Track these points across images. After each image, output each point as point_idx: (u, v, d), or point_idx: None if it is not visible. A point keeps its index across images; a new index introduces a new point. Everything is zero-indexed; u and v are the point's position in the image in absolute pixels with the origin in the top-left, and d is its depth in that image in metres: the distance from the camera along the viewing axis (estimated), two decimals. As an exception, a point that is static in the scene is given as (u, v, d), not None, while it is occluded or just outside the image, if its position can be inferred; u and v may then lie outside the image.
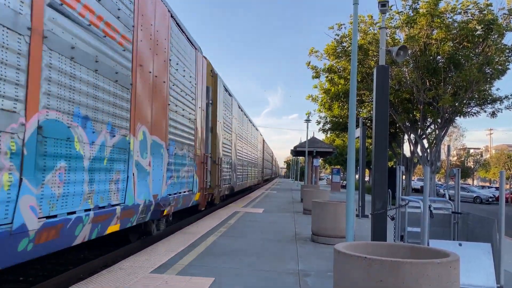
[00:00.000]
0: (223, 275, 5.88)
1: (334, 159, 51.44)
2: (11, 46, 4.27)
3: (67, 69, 5.19)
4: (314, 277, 5.98)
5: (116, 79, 6.48)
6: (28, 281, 6.45)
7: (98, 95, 5.95)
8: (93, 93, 5.84)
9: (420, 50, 21.38)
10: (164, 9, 8.77)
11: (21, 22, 4.40)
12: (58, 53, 5.02)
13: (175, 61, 9.60)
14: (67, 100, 5.20)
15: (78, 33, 5.43)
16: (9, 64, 4.24)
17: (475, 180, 78.96)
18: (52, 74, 4.91)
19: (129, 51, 6.99)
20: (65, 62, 5.17)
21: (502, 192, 5.66)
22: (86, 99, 5.63)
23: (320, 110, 28.63)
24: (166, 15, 8.91)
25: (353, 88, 7.23)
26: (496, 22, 20.43)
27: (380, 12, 8.55)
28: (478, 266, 5.50)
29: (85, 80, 5.63)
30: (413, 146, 26.21)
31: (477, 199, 36.61)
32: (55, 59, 4.97)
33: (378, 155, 7.69)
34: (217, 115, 14.68)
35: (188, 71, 10.84)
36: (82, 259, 7.84)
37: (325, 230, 8.97)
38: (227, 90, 17.35)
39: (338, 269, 3.58)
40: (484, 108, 24.24)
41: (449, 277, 3.24)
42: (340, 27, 23.71)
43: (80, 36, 5.48)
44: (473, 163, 70.82)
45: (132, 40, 7.09)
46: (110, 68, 6.30)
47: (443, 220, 7.14)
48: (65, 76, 5.16)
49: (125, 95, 6.85)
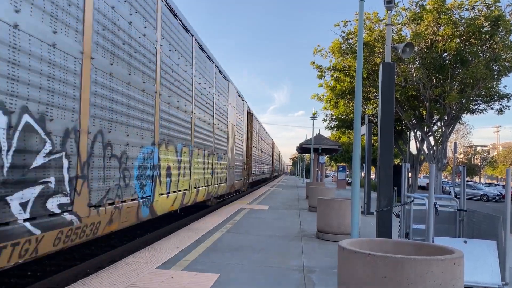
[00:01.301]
0: (228, 271, 5.92)
1: (340, 156, 51.32)
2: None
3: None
4: (319, 274, 6.01)
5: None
6: (35, 275, 6.54)
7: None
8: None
9: (426, 47, 21.25)
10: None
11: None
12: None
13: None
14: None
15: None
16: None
17: (482, 178, 78.44)
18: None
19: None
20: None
21: (508, 189, 5.64)
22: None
23: (326, 108, 28.57)
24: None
25: (358, 85, 7.23)
26: (504, 18, 20.24)
27: (386, 9, 8.53)
28: (483, 263, 5.51)
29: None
30: (419, 143, 26.09)
31: (484, 197, 36.40)
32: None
33: (384, 152, 7.68)
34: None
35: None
36: (89, 255, 7.92)
37: (330, 227, 8.98)
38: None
39: (342, 265, 3.61)
40: (491, 105, 24.04)
41: (453, 274, 3.25)
42: (346, 24, 23.63)
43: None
44: (480, 160, 70.31)
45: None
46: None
47: (449, 217, 7.14)
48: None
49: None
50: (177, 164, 9.29)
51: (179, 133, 9.48)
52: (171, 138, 8.88)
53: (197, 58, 11.35)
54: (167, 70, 8.68)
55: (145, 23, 7.48)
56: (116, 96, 6.36)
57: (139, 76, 7.24)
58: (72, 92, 5.19)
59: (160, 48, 8.17)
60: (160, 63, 8.19)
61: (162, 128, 8.36)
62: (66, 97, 5.07)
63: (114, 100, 6.30)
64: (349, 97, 24.96)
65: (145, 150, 7.46)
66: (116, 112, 6.38)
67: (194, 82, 10.81)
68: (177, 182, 9.30)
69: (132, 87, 6.93)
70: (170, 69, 8.89)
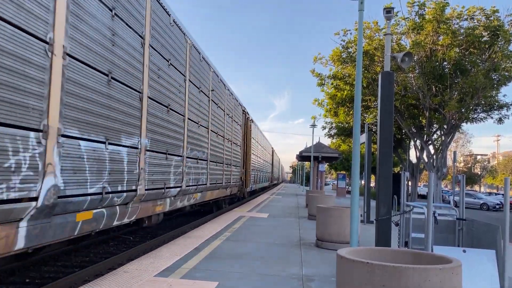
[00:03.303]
0: (227, 279, 5.91)
1: (340, 165, 51.32)
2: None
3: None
4: (318, 282, 6.00)
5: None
6: (34, 283, 6.52)
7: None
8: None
9: (426, 56, 21.37)
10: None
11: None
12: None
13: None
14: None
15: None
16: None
17: (482, 187, 78.30)
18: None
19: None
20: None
21: (506, 198, 5.65)
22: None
23: (326, 116, 28.65)
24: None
25: (358, 94, 7.26)
26: (503, 28, 20.38)
27: (385, 18, 8.60)
28: (482, 272, 5.50)
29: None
30: (419, 152, 26.12)
31: (484, 206, 36.30)
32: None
33: (383, 161, 7.70)
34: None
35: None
36: (88, 262, 7.90)
37: (330, 236, 8.97)
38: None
39: (340, 274, 3.61)
40: (490, 115, 24.12)
41: (451, 283, 3.25)
42: (346, 33, 23.77)
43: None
44: (480, 169, 70.25)
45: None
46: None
47: (448, 226, 7.14)
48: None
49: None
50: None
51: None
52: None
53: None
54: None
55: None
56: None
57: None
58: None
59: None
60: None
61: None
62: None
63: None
64: (349, 106, 25.03)
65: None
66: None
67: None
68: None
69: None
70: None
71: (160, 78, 8.25)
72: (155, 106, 7.94)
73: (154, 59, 7.91)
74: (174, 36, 9.14)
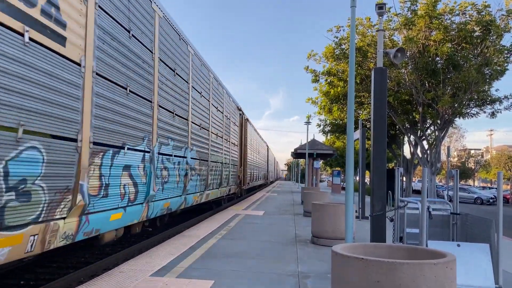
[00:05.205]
0: (223, 277, 5.91)
1: (335, 161, 51.43)
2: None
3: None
4: (314, 279, 6.01)
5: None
6: (29, 284, 6.48)
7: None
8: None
9: (418, 52, 21.41)
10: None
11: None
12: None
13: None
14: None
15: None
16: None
17: (476, 181, 78.81)
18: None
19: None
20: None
21: (500, 192, 5.69)
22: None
23: (320, 113, 28.65)
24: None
25: (351, 90, 7.27)
26: (494, 23, 20.45)
27: (378, 15, 8.61)
28: (476, 266, 5.53)
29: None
30: (413, 147, 26.21)
31: (478, 200, 36.57)
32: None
33: (376, 157, 7.72)
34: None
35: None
36: (83, 263, 7.86)
37: (325, 232, 8.99)
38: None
39: (335, 270, 3.61)
40: (483, 109, 24.21)
41: (446, 278, 3.27)
42: (339, 29, 23.77)
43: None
44: (473, 164, 70.68)
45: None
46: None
47: (442, 221, 7.17)
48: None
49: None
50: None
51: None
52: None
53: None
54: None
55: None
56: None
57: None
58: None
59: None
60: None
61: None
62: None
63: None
64: (343, 102, 25.05)
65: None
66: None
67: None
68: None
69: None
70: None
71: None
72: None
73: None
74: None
